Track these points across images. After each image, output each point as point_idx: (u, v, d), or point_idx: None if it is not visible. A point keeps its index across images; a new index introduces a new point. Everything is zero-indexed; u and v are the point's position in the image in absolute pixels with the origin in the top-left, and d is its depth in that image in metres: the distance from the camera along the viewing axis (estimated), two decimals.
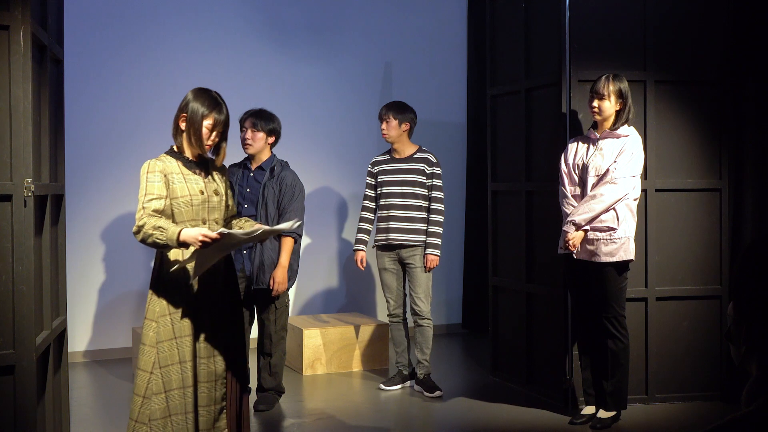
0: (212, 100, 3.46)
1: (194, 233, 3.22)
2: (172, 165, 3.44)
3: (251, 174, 4.97)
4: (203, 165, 3.53)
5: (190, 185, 3.43)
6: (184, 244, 3.26)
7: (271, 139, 4.99)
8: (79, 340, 6.22)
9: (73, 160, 5.65)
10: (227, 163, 4.97)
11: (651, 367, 5.01)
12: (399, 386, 5.45)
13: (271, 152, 5.02)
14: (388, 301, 5.46)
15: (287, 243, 4.88)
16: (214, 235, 3.20)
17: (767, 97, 5.01)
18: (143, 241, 3.29)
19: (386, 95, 7.15)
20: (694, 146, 5.09)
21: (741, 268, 1.61)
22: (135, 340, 5.90)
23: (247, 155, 5.04)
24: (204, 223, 3.45)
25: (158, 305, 3.40)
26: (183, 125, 3.46)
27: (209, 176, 3.53)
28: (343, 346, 5.99)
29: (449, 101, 7.32)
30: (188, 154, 3.49)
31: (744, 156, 5.12)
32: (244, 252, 4.90)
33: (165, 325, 3.38)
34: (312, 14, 6.94)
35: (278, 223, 4.77)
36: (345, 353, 5.99)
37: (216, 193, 3.51)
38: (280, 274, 4.84)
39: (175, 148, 3.51)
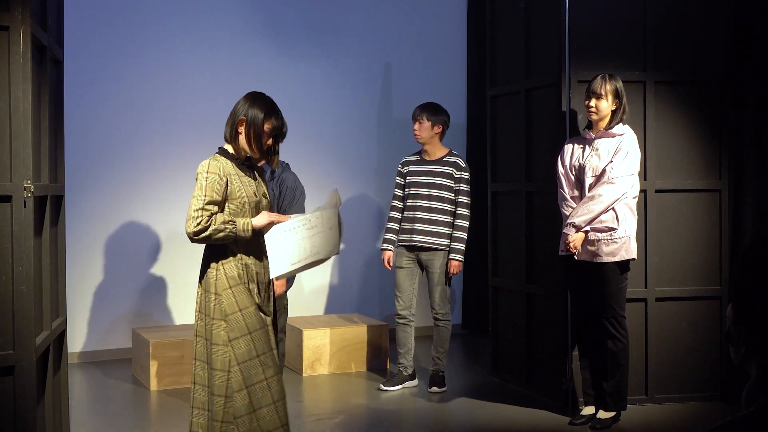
0: (270, 105, 3.56)
1: (264, 219, 3.46)
2: (228, 166, 3.49)
3: None
4: (251, 168, 3.61)
5: (246, 187, 3.51)
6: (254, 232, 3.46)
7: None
8: (78, 340, 6.22)
9: (73, 160, 5.65)
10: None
11: (651, 367, 5.01)
12: (399, 387, 5.44)
13: None
14: (397, 300, 5.45)
15: None
16: (284, 218, 3.48)
17: (767, 97, 5.01)
18: (209, 237, 3.35)
19: (386, 95, 7.15)
20: (694, 146, 5.09)
21: (740, 269, 1.61)
22: (134, 341, 5.90)
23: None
24: None
25: (224, 304, 3.42)
26: (242, 129, 3.52)
27: (257, 179, 3.61)
28: (343, 347, 5.99)
29: (449, 101, 7.28)
30: (240, 156, 3.57)
31: (744, 156, 5.11)
32: None
33: (237, 321, 3.42)
34: (312, 14, 6.94)
35: None
36: (345, 354, 5.99)
37: (264, 196, 3.60)
38: None
39: (231, 150, 3.56)
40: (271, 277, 3.53)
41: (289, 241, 3.50)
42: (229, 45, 6.65)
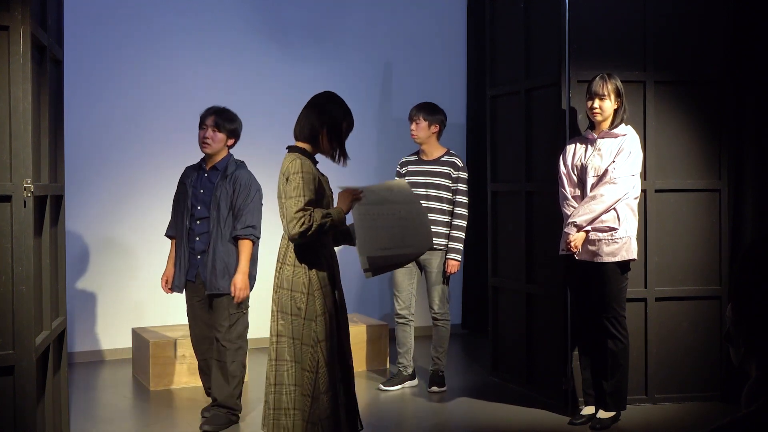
0: (346, 105, 3.66)
1: (345, 197, 3.56)
2: (311, 165, 3.57)
3: (205, 174, 4.67)
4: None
5: (326, 185, 3.63)
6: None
7: (231, 141, 4.70)
8: (78, 340, 6.22)
9: (73, 160, 5.65)
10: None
11: (651, 367, 5.01)
12: (399, 386, 5.44)
13: (228, 152, 4.72)
14: (396, 300, 5.44)
15: (245, 246, 4.53)
16: (357, 191, 3.59)
17: (767, 97, 5.01)
18: (313, 234, 3.43)
19: (386, 95, 7.15)
20: (694, 146, 5.09)
21: (741, 269, 1.61)
22: (134, 341, 5.90)
23: (203, 155, 4.74)
24: None
25: (317, 304, 3.48)
26: (322, 129, 3.59)
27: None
28: None
29: (449, 101, 7.31)
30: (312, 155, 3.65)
31: (744, 156, 5.11)
32: (198, 257, 4.62)
33: (326, 322, 3.49)
34: (312, 14, 6.94)
35: (232, 226, 4.51)
36: None
37: (332, 193, 3.68)
38: (241, 279, 4.48)
39: (308, 149, 3.62)
40: (359, 255, 3.55)
41: (378, 225, 3.54)
42: (229, 45, 6.65)
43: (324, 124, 3.59)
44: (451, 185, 5.33)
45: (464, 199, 5.35)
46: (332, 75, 6.97)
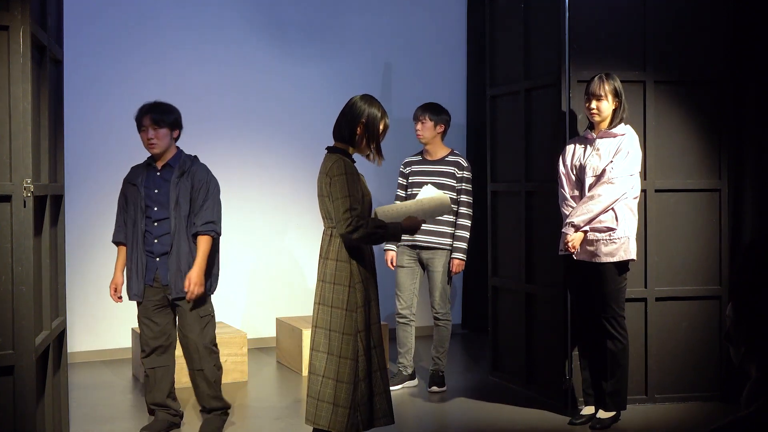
0: (381, 106, 3.79)
1: (412, 222, 3.78)
2: (354, 166, 3.71)
3: (158, 173, 4.40)
4: None
5: (365, 184, 3.76)
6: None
7: (176, 133, 4.45)
8: (78, 340, 6.21)
9: (73, 160, 5.65)
10: (129, 166, 4.59)
11: (651, 367, 5.01)
12: (399, 386, 5.44)
13: (177, 147, 4.48)
14: (398, 300, 5.45)
15: (203, 242, 4.29)
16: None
17: (767, 97, 5.01)
18: (361, 239, 3.59)
19: (386, 95, 7.15)
20: (694, 146, 5.09)
21: (741, 269, 1.61)
22: (135, 341, 5.89)
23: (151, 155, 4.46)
24: None
25: (358, 296, 3.65)
26: (360, 130, 3.73)
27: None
28: None
29: (449, 101, 7.30)
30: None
31: (744, 156, 5.11)
32: (158, 259, 4.34)
33: (366, 312, 3.66)
34: (311, 14, 6.94)
35: (193, 223, 4.30)
36: None
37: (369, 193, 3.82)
38: (196, 274, 4.24)
39: (350, 150, 3.76)
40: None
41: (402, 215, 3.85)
42: (230, 45, 6.65)
43: (362, 125, 3.72)
44: (455, 185, 5.34)
45: (469, 199, 5.35)
46: (332, 75, 6.97)
